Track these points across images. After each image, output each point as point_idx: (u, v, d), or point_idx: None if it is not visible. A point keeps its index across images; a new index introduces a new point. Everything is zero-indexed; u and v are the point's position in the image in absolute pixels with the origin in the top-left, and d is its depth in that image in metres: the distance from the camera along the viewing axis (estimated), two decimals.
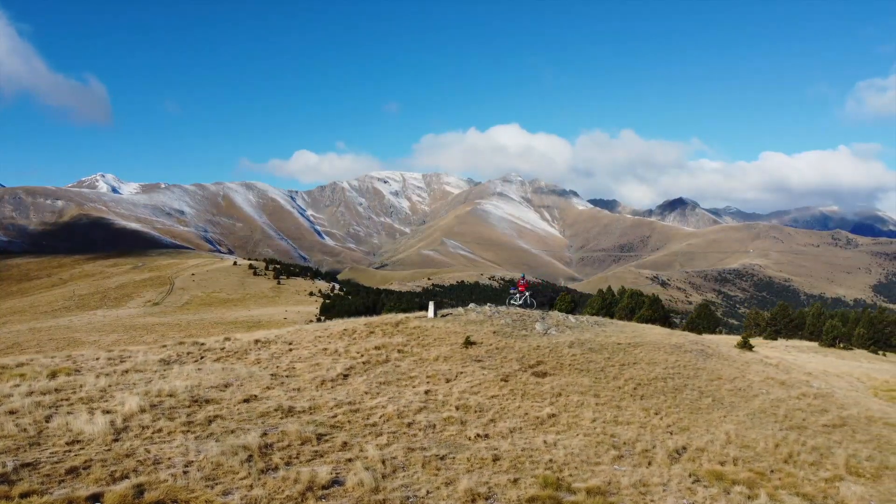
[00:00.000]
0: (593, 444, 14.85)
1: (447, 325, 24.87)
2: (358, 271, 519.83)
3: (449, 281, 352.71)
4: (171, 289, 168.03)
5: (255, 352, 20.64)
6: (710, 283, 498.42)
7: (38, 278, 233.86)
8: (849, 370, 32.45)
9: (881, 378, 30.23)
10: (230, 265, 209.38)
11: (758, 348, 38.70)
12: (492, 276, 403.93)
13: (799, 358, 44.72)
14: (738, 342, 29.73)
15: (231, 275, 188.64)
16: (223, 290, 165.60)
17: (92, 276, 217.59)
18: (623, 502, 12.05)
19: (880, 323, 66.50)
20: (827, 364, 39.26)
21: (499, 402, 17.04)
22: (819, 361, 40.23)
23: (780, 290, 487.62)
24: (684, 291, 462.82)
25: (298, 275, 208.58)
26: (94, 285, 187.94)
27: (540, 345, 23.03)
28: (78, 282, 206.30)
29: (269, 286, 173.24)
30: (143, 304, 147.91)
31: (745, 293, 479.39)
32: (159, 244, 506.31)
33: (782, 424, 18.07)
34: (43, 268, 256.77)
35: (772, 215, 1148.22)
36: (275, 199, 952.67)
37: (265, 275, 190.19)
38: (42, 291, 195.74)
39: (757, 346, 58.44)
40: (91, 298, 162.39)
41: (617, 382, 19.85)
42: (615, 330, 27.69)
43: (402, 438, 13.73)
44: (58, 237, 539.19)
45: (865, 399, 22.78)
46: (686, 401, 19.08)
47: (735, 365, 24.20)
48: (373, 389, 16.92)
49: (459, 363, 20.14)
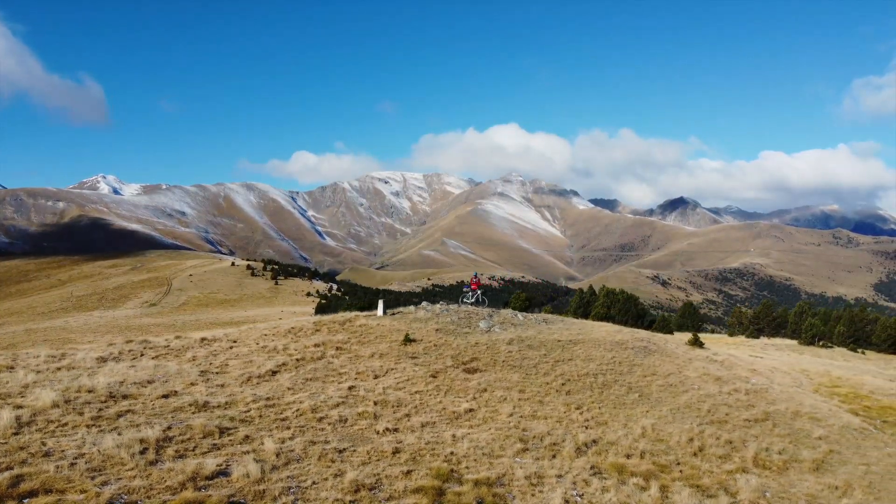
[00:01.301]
0: (502, 437, 15.17)
1: (393, 323, 25.19)
2: (358, 272, 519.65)
3: (449, 281, 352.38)
4: (169, 290, 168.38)
5: (196, 349, 20.98)
6: (711, 282, 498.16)
7: (37, 279, 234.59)
8: (808, 367, 32.64)
9: (835, 374, 30.44)
10: (228, 266, 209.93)
11: (710, 345, 38.97)
12: (492, 276, 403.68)
13: (769, 356, 44.98)
14: (689, 340, 29.96)
15: (229, 275, 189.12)
16: (221, 291, 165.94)
17: (90, 277, 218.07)
18: (511, 493, 12.38)
19: (861, 321, 66.57)
20: (793, 361, 39.48)
21: (421, 397, 17.37)
22: (785, 359, 40.45)
23: (782, 289, 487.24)
24: (685, 291, 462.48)
25: (296, 275, 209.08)
26: (92, 286, 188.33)
27: (479, 342, 23.35)
28: (76, 283, 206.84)
29: (267, 287, 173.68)
30: (140, 305, 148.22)
31: (746, 292, 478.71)
32: (160, 245, 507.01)
33: (703, 419, 18.36)
34: (42, 269, 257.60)
35: (773, 214, 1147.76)
36: (275, 199, 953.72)
37: (263, 275, 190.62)
38: (40, 292, 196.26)
39: (736, 344, 58.69)
40: (89, 299, 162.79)
41: (546, 378, 20.17)
42: (561, 327, 27.97)
43: (308, 432, 14.06)
44: (59, 238, 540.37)
45: (802, 395, 23.02)
46: (612, 396, 19.39)
47: (676, 362, 24.47)
48: (297, 385, 17.25)
49: (394, 360, 20.47)
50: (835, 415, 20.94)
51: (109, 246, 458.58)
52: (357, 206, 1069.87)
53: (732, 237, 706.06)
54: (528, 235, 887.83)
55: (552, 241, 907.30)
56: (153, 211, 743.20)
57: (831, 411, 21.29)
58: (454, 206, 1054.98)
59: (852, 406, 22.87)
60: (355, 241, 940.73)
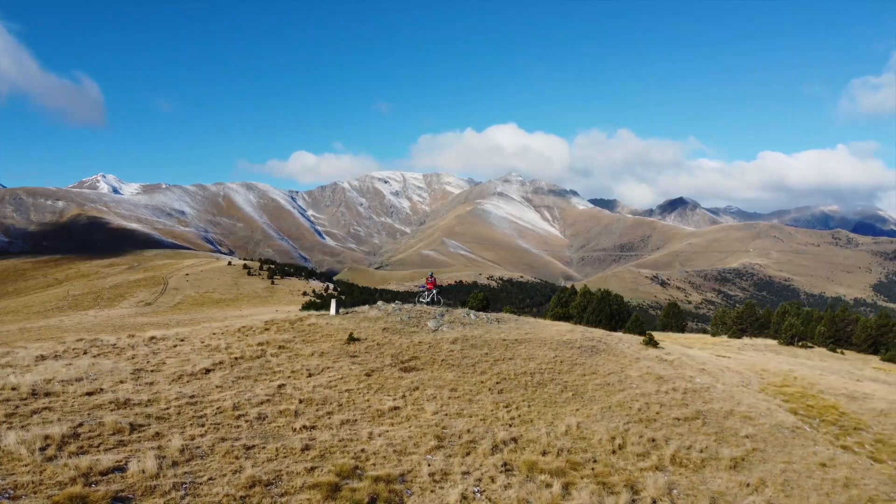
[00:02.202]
0: (419, 435, 15.37)
1: (342, 323, 25.41)
2: (357, 271, 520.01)
3: (447, 281, 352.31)
4: (165, 289, 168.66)
5: (140, 347, 21.20)
6: (710, 282, 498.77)
7: (34, 278, 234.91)
8: (768, 367, 32.72)
9: (794, 374, 30.51)
10: (224, 265, 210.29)
11: (684, 345, 39.18)
12: (490, 275, 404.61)
13: (738, 356, 45.18)
14: (644, 339, 30.14)
15: (225, 275, 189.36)
16: (216, 290, 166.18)
17: (87, 277, 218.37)
18: (410, 490, 12.59)
19: (842, 321, 66.79)
20: (758, 361, 39.65)
21: (350, 395, 17.58)
22: (751, 359, 40.64)
23: (781, 289, 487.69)
24: (684, 291, 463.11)
25: (293, 275, 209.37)
26: (88, 285, 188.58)
27: (423, 341, 23.55)
28: (73, 282, 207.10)
29: (263, 286, 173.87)
30: (135, 304, 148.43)
31: (745, 293, 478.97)
32: (159, 244, 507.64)
33: (632, 418, 18.56)
34: (39, 268, 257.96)
35: (773, 215, 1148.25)
36: (275, 199, 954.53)
37: (259, 275, 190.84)
38: (37, 292, 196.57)
39: (714, 344, 58.82)
40: (85, 298, 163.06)
41: (482, 377, 20.38)
42: (512, 327, 28.18)
43: (221, 430, 14.27)
44: (58, 238, 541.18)
45: (744, 394, 23.19)
46: (545, 395, 19.58)
47: (621, 361, 24.64)
48: (226, 384, 17.46)
49: (332, 359, 20.70)
50: (771, 413, 21.12)
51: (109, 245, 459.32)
52: (357, 206, 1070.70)
53: (732, 237, 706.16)
54: (527, 235, 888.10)
55: (552, 241, 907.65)
56: (153, 210, 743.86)
57: (769, 410, 21.47)
58: (454, 205, 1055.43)
59: (794, 405, 23.04)
60: (355, 241, 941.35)
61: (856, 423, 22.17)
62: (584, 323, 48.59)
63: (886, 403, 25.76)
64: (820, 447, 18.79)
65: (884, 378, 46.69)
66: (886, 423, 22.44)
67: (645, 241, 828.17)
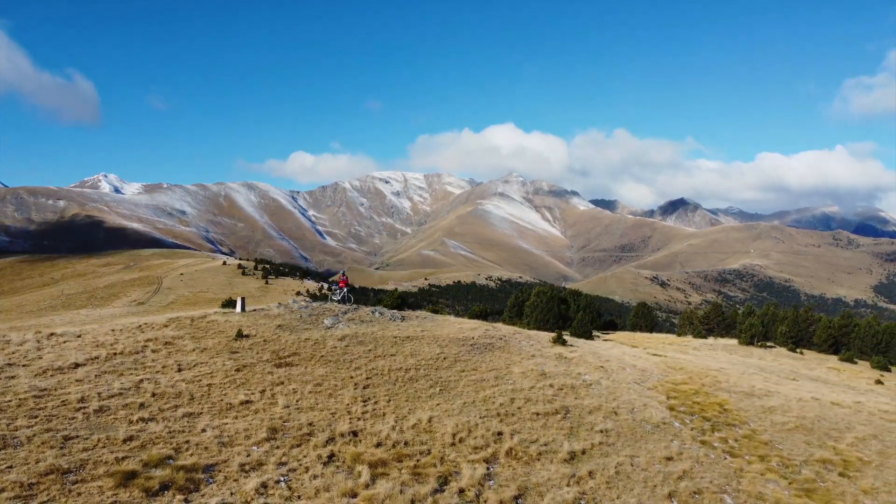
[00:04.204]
0: (255, 427, 15.86)
1: (242, 320, 25.95)
2: (356, 271, 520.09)
3: (446, 281, 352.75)
4: (159, 288, 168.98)
5: (31, 343, 21.73)
6: (710, 283, 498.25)
7: (30, 277, 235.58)
8: (686, 365, 33.15)
9: (710, 372, 30.94)
10: (219, 265, 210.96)
11: (640, 344, 39.54)
12: (489, 276, 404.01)
13: (686, 356, 45.57)
14: (553, 338, 30.59)
15: (219, 274, 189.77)
16: (210, 290, 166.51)
17: (83, 276, 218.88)
18: (212, 479, 13.09)
19: (804, 321, 67.04)
20: (698, 360, 40.11)
21: (209, 389, 18.09)
22: (696, 358, 41.06)
23: (781, 290, 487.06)
24: (683, 292, 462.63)
25: (287, 274, 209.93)
26: (83, 285, 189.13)
27: (311, 338, 24.08)
28: (69, 281, 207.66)
29: (257, 286, 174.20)
30: (128, 304, 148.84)
31: (745, 293, 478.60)
32: (160, 244, 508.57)
33: (490, 412, 19.01)
34: (36, 267, 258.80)
35: (773, 216, 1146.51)
36: (276, 199, 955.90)
37: (254, 274, 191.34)
38: (32, 291, 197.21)
39: (671, 343, 59.16)
40: (78, 298, 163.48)
41: (355, 373, 20.87)
42: (413, 324, 28.69)
43: (53, 422, 14.76)
44: (59, 237, 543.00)
45: (630, 391, 23.59)
46: (412, 390, 20.06)
47: (513, 358, 25.12)
48: (89, 378, 17.99)
49: (211, 355, 21.21)
50: (644, 409, 21.54)
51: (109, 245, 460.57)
52: (358, 206, 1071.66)
53: (732, 238, 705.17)
54: (528, 236, 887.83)
55: (552, 241, 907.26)
56: (154, 210, 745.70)
57: (644, 406, 21.89)
58: (455, 206, 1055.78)
59: (677, 402, 23.44)
60: (356, 241, 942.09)
61: (735, 419, 22.59)
62: (533, 323, 49.02)
63: (783, 400, 26.18)
64: (677, 442, 19.22)
65: (826, 377, 47.04)
66: (766, 420, 22.86)
67: (645, 241, 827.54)
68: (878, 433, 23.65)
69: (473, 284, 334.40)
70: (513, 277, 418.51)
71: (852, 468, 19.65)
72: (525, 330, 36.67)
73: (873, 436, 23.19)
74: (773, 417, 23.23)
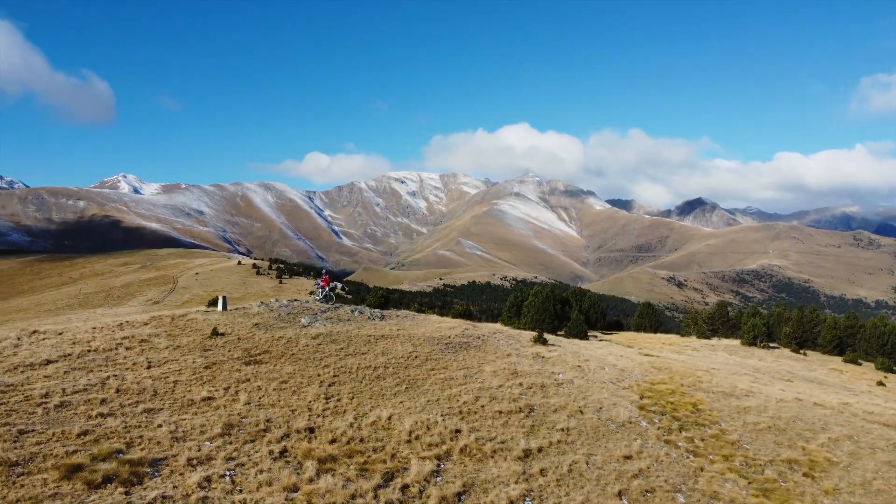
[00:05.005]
0: (212, 422, 16.16)
1: (221, 318, 26.34)
2: (371, 271, 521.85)
3: (461, 281, 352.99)
4: (174, 287, 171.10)
5: (11, 340, 22.23)
6: (728, 283, 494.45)
7: (49, 277, 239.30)
8: (674, 365, 33.10)
9: (697, 372, 30.84)
10: (234, 265, 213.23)
11: (640, 345, 39.50)
12: (504, 276, 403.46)
13: (681, 356, 45.41)
14: (534, 337, 30.65)
15: (234, 274, 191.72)
16: (224, 289, 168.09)
17: (101, 275, 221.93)
18: (158, 472, 13.40)
19: (809, 322, 66.38)
20: (691, 361, 39.97)
21: (175, 386, 18.43)
22: (691, 359, 40.92)
23: (800, 290, 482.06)
24: (700, 292, 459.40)
25: (301, 274, 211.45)
26: (100, 284, 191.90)
27: (284, 336, 24.40)
28: (87, 280, 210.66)
29: (271, 285, 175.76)
30: (143, 303, 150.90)
31: (763, 294, 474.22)
32: (178, 244, 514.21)
33: (453, 410, 19.17)
34: (55, 267, 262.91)
35: (792, 216, 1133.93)
36: (293, 199, 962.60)
37: (268, 274, 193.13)
38: (51, 290, 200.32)
39: (670, 343, 58.86)
40: (95, 297, 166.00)
41: (322, 370, 21.13)
42: (391, 323, 28.93)
43: (12, 416, 15.13)
44: (79, 237, 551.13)
45: (603, 390, 23.63)
46: (378, 388, 20.28)
47: (487, 357, 25.26)
48: (57, 374, 18.42)
49: (184, 352, 21.59)
50: (613, 408, 21.59)
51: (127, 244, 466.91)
52: (374, 206, 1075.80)
53: (751, 238, 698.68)
54: (543, 236, 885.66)
55: (568, 241, 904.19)
56: (172, 210, 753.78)
57: (614, 405, 21.94)
58: (470, 206, 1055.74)
59: (650, 401, 23.44)
60: (371, 241, 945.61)
61: (706, 419, 22.56)
62: (529, 323, 49.07)
63: (762, 401, 26.07)
64: (639, 441, 19.27)
65: (825, 378, 46.63)
66: (739, 420, 22.81)
67: (662, 241, 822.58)
68: (855, 434, 23.50)
69: (488, 284, 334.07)
70: (528, 278, 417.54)
71: (818, 468, 19.58)
72: (509, 329, 36.78)
73: (848, 437, 23.05)
74: (746, 417, 23.17)
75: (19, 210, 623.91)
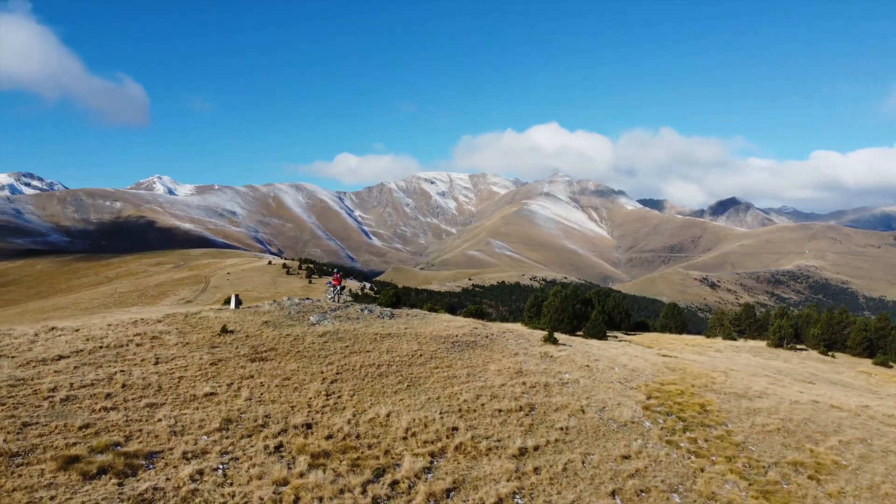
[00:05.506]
0: (211, 417, 16.51)
1: (232, 316, 26.80)
2: (401, 271, 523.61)
3: (490, 281, 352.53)
4: (206, 287, 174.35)
5: (29, 336, 22.92)
6: (763, 284, 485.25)
7: (86, 276, 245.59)
8: (689, 366, 32.72)
9: (711, 373, 30.47)
10: (265, 265, 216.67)
11: (663, 345, 39.19)
12: (533, 276, 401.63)
13: (702, 357, 44.83)
14: (544, 336, 30.55)
15: (264, 274, 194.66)
16: (255, 289, 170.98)
17: (135, 275, 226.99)
18: (152, 465, 13.76)
19: (839, 324, 64.93)
20: (710, 361, 39.50)
21: (180, 382, 18.85)
22: (712, 360, 40.44)
23: (838, 292, 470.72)
24: (734, 293, 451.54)
25: (331, 274, 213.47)
26: (135, 283, 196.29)
27: (291, 333, 24.73)
28: (122, 280, 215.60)
29: (300, 285, 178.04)
30: (176, 302, 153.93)
31: (799, 295, 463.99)
32: (210, 244, 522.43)
33: (453, 408, 19.27)
34: (92, 266, 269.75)
35: (830, 215, 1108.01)
36: (323, 200, 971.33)
37: (297, 274, 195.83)
38: (88, 289, 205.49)
39: (695, 345, 58.09)
40: (129, 296, 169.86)
41: (326, 368, 21.39)
42: (400, 322, 29.10)
43: (19, 409, 15.63)
44: (115, 237, 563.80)
45: (609, 390, 23.48)
46: (379, 385, 20.47)
47: (494, 356, 25.29)
48: (67, 369, 18.96)
49: (192, 349, 22.04)
50: (617, 408, 21.47)
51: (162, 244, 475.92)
52: (403, 207, 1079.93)
53: (786, 238, 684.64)
54: (574, 236, 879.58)
55: (599, 241, 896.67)
56: (205, 211, 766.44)
57: (618, 405, 21.82)
58: (500, 206, 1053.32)
59: (656, 402, 23.24)
60: (401, 241, 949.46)
61: (713, 420, 22.31)
62: (547, 323, 48.89)
63: (775, 402, 25.69)
64: (640, 441, 19.14)
65: (851, 381, 45.62)
66: (747, 421, 22.51)
67: (695, 242, 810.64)
68: (869, 437, 23.04)
69: (517, 285, 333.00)
70: (557, 278, 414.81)
71: (825, 471, 19.25)
72: (521, 328, 36.75)
73: (861, 439, 22.60)
74: (755, 419, 22.84)
75: (59, 211, 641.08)
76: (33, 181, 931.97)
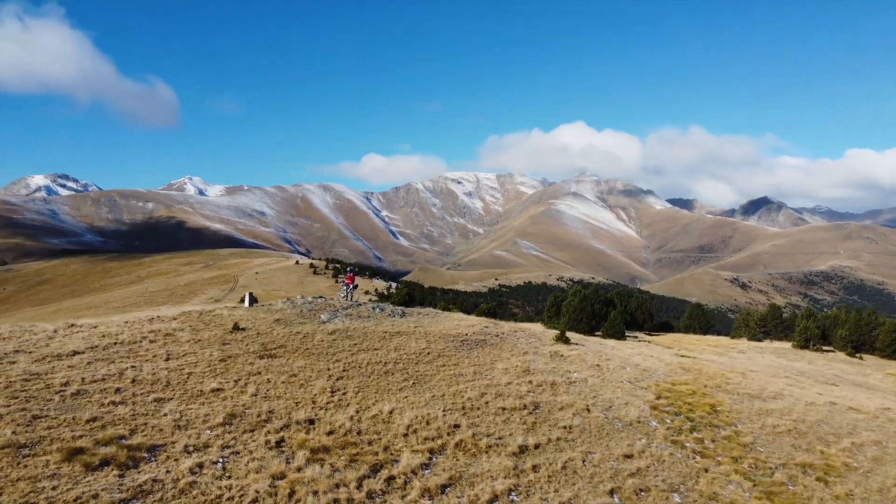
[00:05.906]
0: (216, 412, 16.85)
1: (245, 314, 27.24)
2: (427, 271, 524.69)
3: (516, 281, 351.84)
4: (234, 287, 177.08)
5: (48, 332, 23.59)
6: (795, 285, 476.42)
7: (118, 276, 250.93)
8: (705, 367, 32.37)
9: (727, 373, 30.12)
10: (292, 265, 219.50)
11: (684, 346, 38.90)
12: (560, 276, 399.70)
13: (722, 358, 44.32)
14: (555, 336, 30.45)
15: (292, 273, 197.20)
16: (282, 288, 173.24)
17: (166, 275, 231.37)
18: (154, 457, 14.11)
19: (867, 325, 63.53)
20: (730, 362, 39.04)
21: (188, 378, 19.25)
22: (732, 361, 39.98)
23: (873, 293, 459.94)
24: (766, 294, 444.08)
25: (357, 274, 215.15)
26: (165, 283, 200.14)
27: (302, 331, 25.05)
28: (153, 279, 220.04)
29: (327, 284, 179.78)
30: (205, 301, 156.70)
31: (833, 297, 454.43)
32: (239, 244, 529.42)
33: (456, 406, 19.36)
34: (124, 266, 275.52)
35: (865, 215, 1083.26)
36: (350, 200, 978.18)
37: (324, 273, 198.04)
38: (120, 288, 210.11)
39: (716, 346, 57.39)
40: (160, 295, 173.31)
41: (333, 365, 21.65)
42: (410, 320, 29.24)
43: (30, 402, 16.14)
44: (147, 237, 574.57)
45: (617, 389, 23.35)
46: (385, 383, 20.66)
47: (502, 355, 25.31)
48: (80, 365, 19.49)
49: (203, 346, 22.47)
50: (623, 408, 21.36)
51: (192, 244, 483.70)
52: (430, 207, 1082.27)
53: (820, 238, 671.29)
54: (601, 236, 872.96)
55: (627, 241, 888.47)
56: (235, 211, 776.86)
57: (625, 404, 21.70)
58: (527, 206, 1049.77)
59: (665, 402, 23.06)
60: (428, 241, 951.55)
61: (722, 420, 22.07)
62: (566, 323, 48.71)
63: (789, 403, 25.31)
64: (644, 440, 19.04)
65: (877, 383, 44.69)
66: (758, 422, 22.23)
67: (725, 242, 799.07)
68: (884, 440, 22.60)
69: (544, 285, 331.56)
70: (584, 278, 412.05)
71: (834, 473, 18.94)
72: (533, 327, 36.67)
73: (876, 442, 22.18)
74: (766, 420, 22.55)
75: (93, 212, 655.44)
76: (68, 182, 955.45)
